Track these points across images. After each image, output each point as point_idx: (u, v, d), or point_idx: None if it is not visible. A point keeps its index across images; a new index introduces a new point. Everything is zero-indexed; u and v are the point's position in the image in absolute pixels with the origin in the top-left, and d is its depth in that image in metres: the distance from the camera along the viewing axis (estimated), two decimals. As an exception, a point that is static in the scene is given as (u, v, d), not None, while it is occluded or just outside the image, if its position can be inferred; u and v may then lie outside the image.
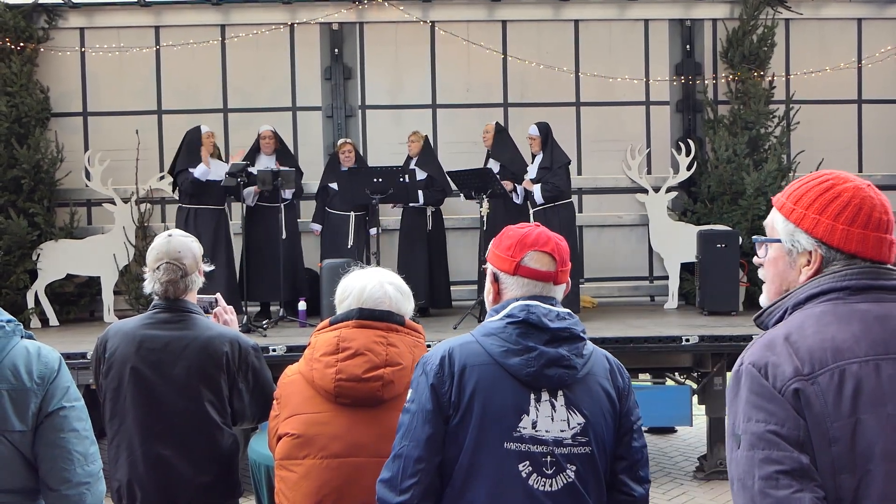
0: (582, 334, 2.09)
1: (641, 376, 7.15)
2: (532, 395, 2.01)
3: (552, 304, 2.10)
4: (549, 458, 1.99)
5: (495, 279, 2.16)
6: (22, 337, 2.20)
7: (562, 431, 2.00)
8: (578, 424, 2.02)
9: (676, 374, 7.05)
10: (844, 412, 1.55)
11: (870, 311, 1.62)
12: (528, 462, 1.98)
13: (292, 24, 8.51)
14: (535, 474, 1.98)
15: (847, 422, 1.54)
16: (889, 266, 1.69)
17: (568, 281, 2.18)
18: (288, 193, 7.55)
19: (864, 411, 1.54)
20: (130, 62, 8.43)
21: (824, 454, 1.54)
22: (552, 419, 2.00)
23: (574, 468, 2.00)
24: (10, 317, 2.21)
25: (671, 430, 7.95)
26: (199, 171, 7.29)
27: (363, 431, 2.41)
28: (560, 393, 2.02)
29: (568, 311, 2.12)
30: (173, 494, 2.86)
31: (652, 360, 6.67)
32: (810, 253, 1.70)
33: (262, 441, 3.13)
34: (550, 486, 1.99)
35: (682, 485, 6.42)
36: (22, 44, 8.03)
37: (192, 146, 7.42)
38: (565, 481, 2.00)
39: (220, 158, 7.76)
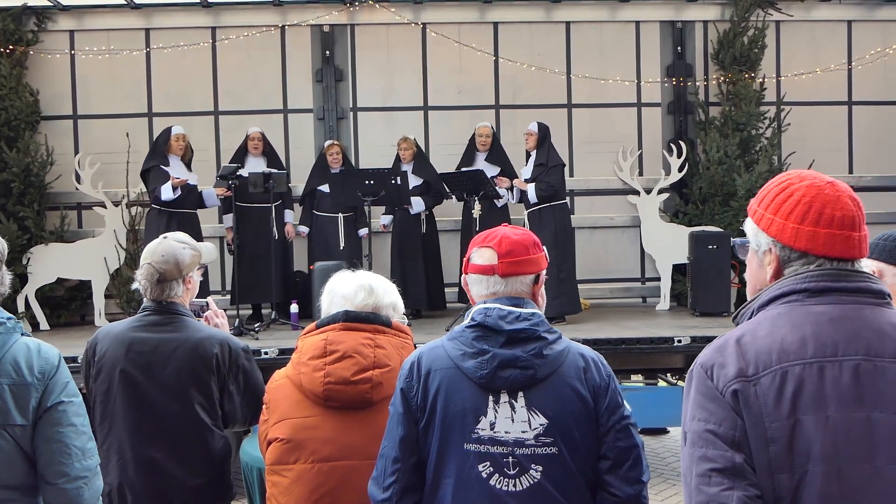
0: (545, 334, 2.08)
1: (634, 377, 7.17)
2: (490, 397, 2.04)
3: (517, 304, 2.10)
4: (510, 459, 2.02)
5: (468, 284, 2.24)
6: (22, 334, 2.25)
7: (523, 432, 2.02)
8: (541, 425, 2.02)
9: (668, 375, 7.07)
10: (783, 413, 1.57)
11: (825, 313, 1.64)
12: (488, 463, 2.02)
13: (283, 27, 8.50)
14: (496, 475, 2.02)
15: (786, 423, 1.57)
16: (853, 268, 1.68)
17: (538, 273, 2.17)
18: (289, 216, 7.59)
19: (804, 412, 1.56)
20: (121, 65, 8.40)
21: (762, 454, 1.57)
22: (512, 420, 2.03)
23: (540, 468, 2.02)
24: (10, 314, 2.24)
25: (663, 431, 7.96)
26: (165, 194, 7.09)
27: (354, 434, 2.41)
28: (520, 394, 2.04)
29: (534, 311, 2.11)
30: (164, 497, 2.84)
31: (644, 361, 6.69)
32: (770, 251, 1.73)
33: (255, 443, 3.12)
34: (514, 486, 2.01)
35: (675, 485, 6.43)
36: (11, 46, 8.00)
37: (157, 147, 7.39)
38: (531, 482, 2.01)
39: (189, 162, 7.56)
